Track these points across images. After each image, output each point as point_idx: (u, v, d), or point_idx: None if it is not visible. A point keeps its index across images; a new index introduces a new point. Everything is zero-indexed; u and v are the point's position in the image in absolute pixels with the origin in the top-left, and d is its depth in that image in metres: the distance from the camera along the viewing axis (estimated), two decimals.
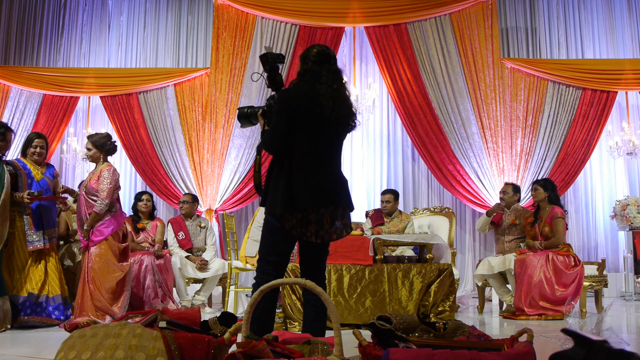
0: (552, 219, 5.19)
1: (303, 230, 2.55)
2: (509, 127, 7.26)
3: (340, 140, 2.71)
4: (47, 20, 8.03)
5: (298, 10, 7.45)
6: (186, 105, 7.53)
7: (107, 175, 4.42)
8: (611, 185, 7.55)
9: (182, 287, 5.51)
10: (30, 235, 4.53)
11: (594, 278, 5.26)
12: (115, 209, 4.53)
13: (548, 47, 7.71)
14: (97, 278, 4.34)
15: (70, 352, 1.66)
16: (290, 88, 2.65)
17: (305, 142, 2.57)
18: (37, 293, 4.49)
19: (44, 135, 4.94)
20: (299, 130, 2.56)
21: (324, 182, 2.58)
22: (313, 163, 2.58)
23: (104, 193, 4.38)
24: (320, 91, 2.57)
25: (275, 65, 2.71)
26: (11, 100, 7.66)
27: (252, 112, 2.77)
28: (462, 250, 7.41)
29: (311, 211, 2.53)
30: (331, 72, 2.62)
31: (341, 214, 2.64)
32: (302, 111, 2.55)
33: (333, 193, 2.60)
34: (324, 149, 2.62)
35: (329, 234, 2.61)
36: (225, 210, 7.17)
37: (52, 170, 4.83)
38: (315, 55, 2.64)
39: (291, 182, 2.54)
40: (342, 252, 4.51)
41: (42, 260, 4.59)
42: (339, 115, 2.60)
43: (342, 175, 2.73)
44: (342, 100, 2.62)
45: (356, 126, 2.74)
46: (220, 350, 1.76)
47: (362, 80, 7.60)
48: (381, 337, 1.91)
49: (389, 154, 7.68)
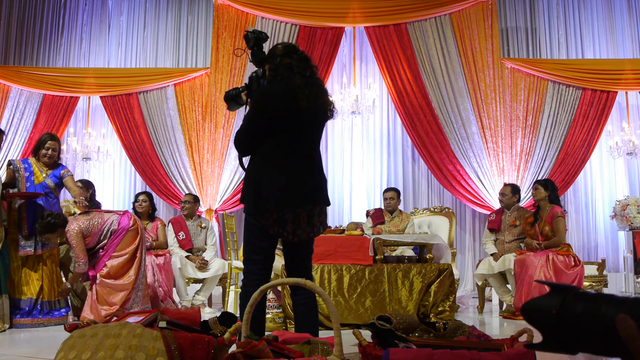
0: (553, 218, 5.18)
1: (280, 230, 2.52)
2: (509, 127, 7.26)
3: (318, 132, 2.66)
4: (47, 20, 8.03)
5: (298, 10, 7.45)
6: (186, 105, 7.53)
7: (70, 240, 4.31)
8: (611, 185, 7.55)
9: (182, 287, 5.50)
10: (22, 240, 4.53)
11: (594, 278, 5.26)
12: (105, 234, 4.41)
13: (548, 47, 7.71)
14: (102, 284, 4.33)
15: (70, 352, 1.66)
16: (265, 88, 2.61)
17: (282, 140, 2.53)
18: (34, 298, 4.50)
19: (57, 137, 4.91)
20: (277, 128, 2.52)
21: (302, 181, 2.54)
22: (291, 161, 2.54)
23: (76, 256, 4.31)
24: (296, 82, 2.53)
25: (258, 43, 2.71)
26: (11, 100, 7.66)
27: (236, 93, 2.75)
28: (462, 250, 7.41)
29: (287, 211, 2.49)
30: (301, 61, 2.60)
31: (318, 212, 2.60)
32: (279, 112, 2.50)
33: (311, 192, 2.56)
34: (302, 145, 2.58)
35: (306, 233, 2.57)
36: (225, 210, 7.17)
37: (59, 172, 4.78)
38: (282, 50, 2.63)
39: (266, 181, 2.50)
40: (342, 252, 4.51)
41: (40, 263, 4.60)
42: (315, 105, 2.55)
43: (322, 171, 2.67)
44: (318, 88, 2.59)
45: (334, 115, 2.69)
46: (220, 350, 1.76)
47: (362, 80, 7.59)
48: (381, 337, 1.91)
49: (389, 154, 7.68)
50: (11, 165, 4.65)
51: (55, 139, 4.81)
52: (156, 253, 5.32)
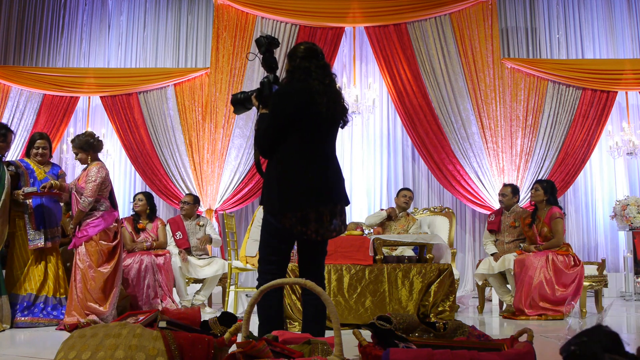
0: (551, 219, 5.18)
1: (303, 229, 2.53)
2: (509, 127, 7.26)
3: (334, 135, 2.70)
4: (47, 20, 8.03)
5: (298, 10, 7.45)
6: (186, 105, 7.53)
7: (93, 174, 4.35)
8: (611, 185, 7.55)
9: (182, 287, 5.50)
10: (31, 233, 4.54)
11: (594, 278, 5.26)
12: (104, 208, 4.44)
13: (548, 47, 7.71)
14: (83, 277, 4.31)
15: (70, 352, 1.66)
16: (283, 88, 2.63)
17: (302, 140, 2.55)
18: (35, 293, 4.49)
19: (46, 135, 4.92)
20: (295, 128, 2.54)
21: (322, 180, 2.56)
22: (311, 160, 2.56)
23: (88, 191, 4.31)
24: (314, 88, 2.55)
25: (270, 48, 2.70)
26: (11, 100, 7.66)
27: (246, 97, 2.74)
28: (462, 250, 7.41)
29: (310, 209, 2.52)
30: (320, 68, 2.61)
31: (339, 211, 2.63)
32: (298, 110, 2.53)
33: (332, 190, 2.59)
34: (321, 145, 2.61)
35: (329, 232, 2.60)
36: (225, 210, 7.17)
37: (57, 170, 4.81)
38: (303, 52, 2.62)
39: (289, 180, 2.52)
40: (342, 252, 4.51)
41: (42, 260, 4.60)
42: (334, 112, 2.59)
43: (340, 171, 2.71)
44: (336, 96, 2.62)
45: (348, 121, 2.74)
46: (220, 350, 1.76)
47: (362, 80, 7.59)
48: (381, 337, 1.91)
49: (389, 154, 7.68)
50: (11, 165, 4.65)
51: (45, 138, 4.81)
52: (156, 253, 5.31)
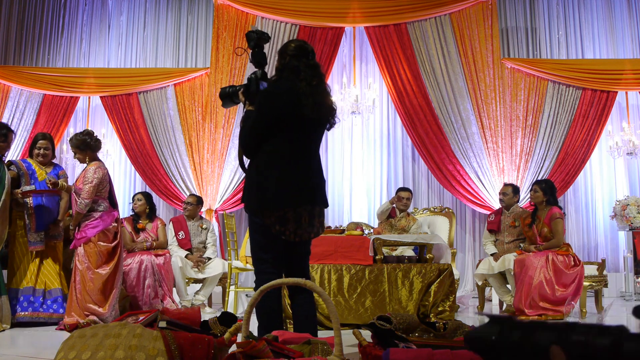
0: (551, 219, 5.18)
1: (282, 229, 2.53)
2: (509, 127, 7.26)
3: (318, 137, 2.68)
4: (47, 20, 8.03)
5: (298, 10, 7.45)
6: (186, 105, 7.53)
7: (90, 175, 4.33)
8: (611, 185, 7.55)
9: (182, 287, 5.50)
10: (32, 235, 4.54)
11: (594, 278, 5.26)
12: (103, 208, 4.42)
13: (548, 47, 7.71)
14: (82, 279, 4.31)
15: (70, 352, 1.66)
16: (270, 87, 2.61)
17: (285, 140, 2.54)
18: (34, 286, 4.50)
19: (49, 136, 4.91)
20: (279, 129, 2.53)
21: (303, 181, 2.55)
22: (293, 162, 2.55)
23: (84, 193, 4.29)
24: (301, 89, 2.52)
25: (259, 43, 2.69)
26: (11, 100, 7.66)
27: (233, 91, 2.74)
28: (462, 250, 7.41)
29: (289, 210, 2.51)
30: (309, 67, 2.57)
31: (318, 213, 2.63)
32: (283, 111, 2.51)
33: (312, 192, 2.58)
34: (304, 146, 2.59)
35: (307, 233, 2.60)
36: (225, 210, 7.17)
37: (58, 171, 4.80)
38: (293, 50, 2.59)
39: (269, 180, 2.51)
40: (342, 252, 4.51)
41: (43, 256, 4.62)
42: (319, 114, 2.56)
43: (322, 173, 2.70)
44: (323, 97, 2.58)
45: (336, 123, 2.69)
46: (220, 350, 1.76)
47: (362, 80, 7.59)
48: (381, 337, 1.91)
49: (389, 154, 7.68)
50: (12, 165, 4.66)
51: (47, 139, 4.81)
52: (156, 253, 5.31)
